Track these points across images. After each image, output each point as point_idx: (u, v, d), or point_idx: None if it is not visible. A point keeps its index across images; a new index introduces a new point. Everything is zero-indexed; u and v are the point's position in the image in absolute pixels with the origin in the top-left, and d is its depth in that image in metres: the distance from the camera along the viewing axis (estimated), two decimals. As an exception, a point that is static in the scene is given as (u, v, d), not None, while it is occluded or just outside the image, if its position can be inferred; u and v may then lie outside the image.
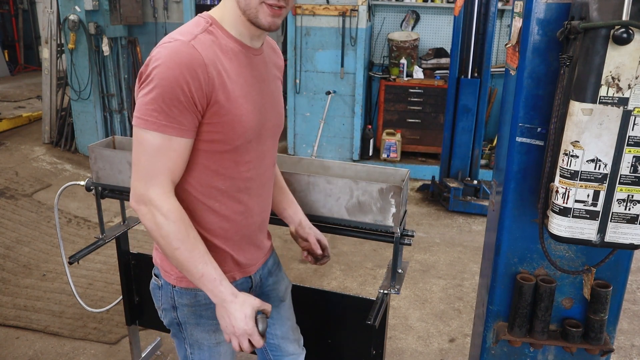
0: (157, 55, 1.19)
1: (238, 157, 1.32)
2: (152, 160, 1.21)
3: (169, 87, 1.16)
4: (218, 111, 1.24)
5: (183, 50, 1.18)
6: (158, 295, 1.47)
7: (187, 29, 1.26)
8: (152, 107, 1.18)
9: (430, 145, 5.69)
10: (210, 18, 1.30)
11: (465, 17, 4.47)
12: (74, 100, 5.53)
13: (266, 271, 1.60)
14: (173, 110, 1.18)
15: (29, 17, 10.31)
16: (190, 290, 1.41)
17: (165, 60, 1.17)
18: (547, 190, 1.40)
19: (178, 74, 1.16)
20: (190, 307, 1.43)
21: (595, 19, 1.20)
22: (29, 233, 4.02)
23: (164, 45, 1.21)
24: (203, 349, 1.48)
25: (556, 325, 1.68)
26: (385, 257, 3.79)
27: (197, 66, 1.18)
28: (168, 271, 1.42)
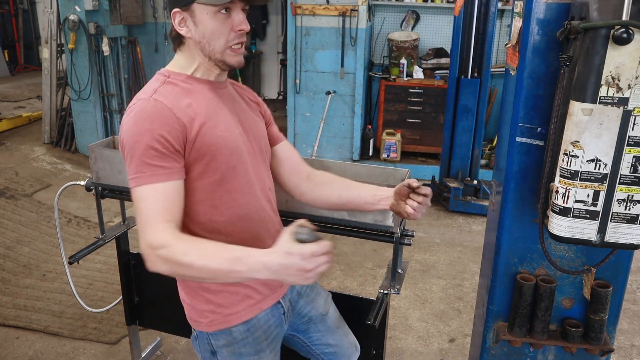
0: (125, 120, 1.28)
1: (228, 185, 1.35)
2: (149, 211, 1.23)
3: (143, 141, 1.22)
4: (196, 146, 1.29)
5: (146, 105, 1.26)
6: (197, 345, 1.49)
7: (148, 87, 1.34)
8: (135, 165, 1.24)
9: (430, 145, 5.69)
10: (167, 71, 1.38)
11: (465, 17, 4.47)
12: (74, 100, 5.53)
13: (295, 293, 1.59)
14: (153, 159, 1.23)
15: (29, 17, 10.31)
16: (224, 330, 1.42)
17: (133, 120, 1.25)
18: (547, 190, 1.40)
19: (148, 126, 1.23)
20: (229, 347, 1.43)
21: (595, 19, 1.20)
22: (29, 233, 4.02)
23: (129, 110, 1.29)
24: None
25: (556, 325, 1.68)
26: (385, 257, 3.79)
27: (163, 113, 1.25)
28: (197, 320, 1.44)
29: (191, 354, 2.75)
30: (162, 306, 2.48)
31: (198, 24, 1.30)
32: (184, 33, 1.32)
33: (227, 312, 1.41)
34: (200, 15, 1.29)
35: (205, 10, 1.28)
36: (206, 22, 1.29)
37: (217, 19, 1.29)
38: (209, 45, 1.31)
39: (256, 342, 1.44)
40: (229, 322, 1.42)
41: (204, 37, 1.31)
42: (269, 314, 1.47)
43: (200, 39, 1.31)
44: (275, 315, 1.49)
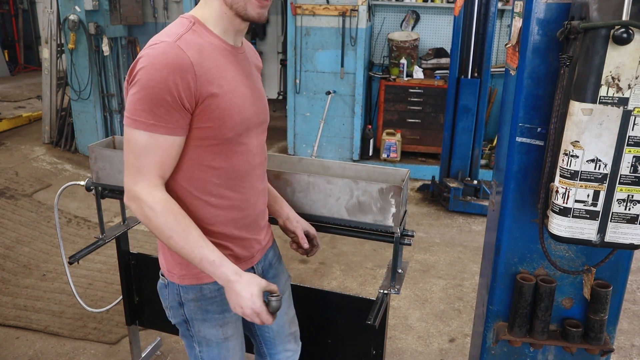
0: (144, 56, 1.23)
1: (229, 151, 1.35)
2: (140, 158, 1.24)
3: (156, 88, 1.19)
4: (207, 107, 1.27)
5: (169, 51, 1.21)
6: (165, 294, 1.50)
7: (172, 29, 1.29)
8: (140, 107, 1.21)
9: (430, 145, 5.69)
10: (193, 18, 1.33)
11: (465, 17, 4.47)
12: (74, 100, 5.53)
13: (267, 263, 1.62)
14: (160, 110, 1.21)
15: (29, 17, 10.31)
16: (195, 286, 1.43)
17: (152, 61, 1.21)
18: (547, 190, 1.40)
19: (165, 75, 1.19)
20: (197, 302, 1.45)
21: (595, 19, 1.20)
22: (29, 233, 4.02)
23: (151, 47, 1.24)
24: (211, 345, 1.51)
25: (556, 325, 1.68)
26: (385, 257, 3.79)
27: (183, 66, 1.21)
28: (171, 271, 1.45)
29: (191, 354, 2.75)
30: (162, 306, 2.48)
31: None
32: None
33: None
34: None
35: None
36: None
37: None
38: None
39: (224, 302, 1.44)
40: (201, 280, 1.43)
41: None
42: None
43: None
44: None
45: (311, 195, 1.72)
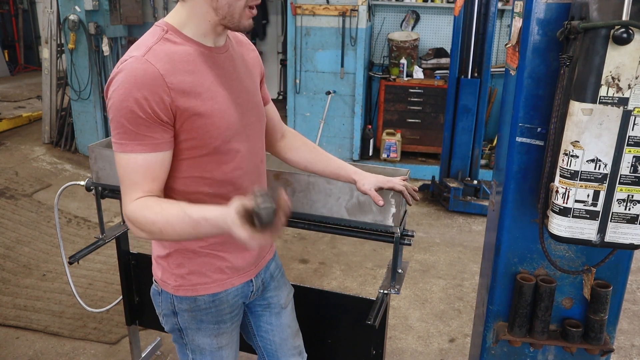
0: (114, 77, 1.20)
1: (219, 159, 1.31)
2: (126, 180, 1.22)
3: (128, 108, 1.16)
4: (188, 119, 1.23)
5: (137, 67, 1.17)
6: (158, 300, 1.47)
7: (143, 41, 1.25)
8: (116, 130, 1.19)
9: (430, 145, 5.69)
10: (166, 25, 1.28)
11: (465, 17, 4.47)
12: (74, 100, 5.53)
13: (268, 275, 1.58)
14: (138, 129, 1.18)
15: (29, 17, 10.31)
16: (190, 297, 1.41)
17: (121, 80, 1.17)
18: (547, 190, 1.40)
19: (135, 93, 1.16)
20: (191, 312, 1.42)
21: (595, 19, 1.20)
22: (29, 233, 4.02)
23: (121, 66, 1.20)
24: (205, 354, 1.48)
25: (556, 325, 1.68)
26: (385, 257, 3.79)
27: (153, 80, 1.17)
28: (165, 281, 1.42)
29: (191, 354, 2.75)
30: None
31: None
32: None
33: (197, 281, 1.40)
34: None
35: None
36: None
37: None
38: (229, 12, 1.24)
39: (219, 314, 1.44)
40: (196, 292, 1.40)
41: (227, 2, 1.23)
42: (238, 290, 1.46)
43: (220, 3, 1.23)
44: (243, 292, 1.48)
45: (311, 195, 1.72)
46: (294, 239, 4.01)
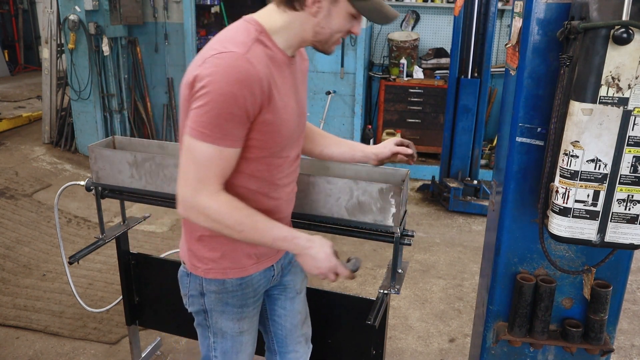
0: (212, 66, 1.20)
1: (272, 162, 1.39)
2: (203, 169, 1.25)
3: (226, 102, 1.19)
4: (264, 122, 1.28)
5: (241, 65, 1.20)
6: (186, 282, 1.52)
7: (239, 38, 1.26)
8: (207, 120, 1.20)
9: (430, 145, 5.69)
10: (259, 26, 1.31)
11: (465, 17, 4.47)
12: (74, 100, 5.53)
13: (287, 261, 1.65)
14: (228, 124, 1.21)
15: (29, 17, 10.31)
16: (219, 280, 1.46)
17: (222, 74, 1.19)
18: (547, 190, 1.40)
19: (237, 90, 1.19)
20: (218, 294, 1.48)
21: (595, 19, 1.20)
22: (29, 233, 4.02)
23: (220, 56, 1.21)
24: (226, 337, 1.55)
25: (556, 325, 1.68)
26: (385, 257, 3.79)
27: (254, 82, 1.21)
28: (195, 265, 1.47)
29: (191, 354, 2.75)
30: (162, 306, 2.48)
31: (332, 13, 1.29)
32: (312, 10, 1.28)
33: (227, 265, 1.45)
34: (340, 9, 1.28)
35: (346, 8, 1.28)
36: (340, 17, 1.30)
37: (349, 18, 1.31)
38: (326, 36, 1.32)
39: (244, 297, 1.50)
40: (226, 275, 1.46)
41: (329, 26, 1.30)
42: (261, 274, 1.52)
43: (324, 26, 1.30)
44: (266, 277, 1.55)
45: (311, 195, 1.72)
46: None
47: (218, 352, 1.57)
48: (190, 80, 1.23)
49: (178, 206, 1.29)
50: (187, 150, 1.25)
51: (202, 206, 1.26)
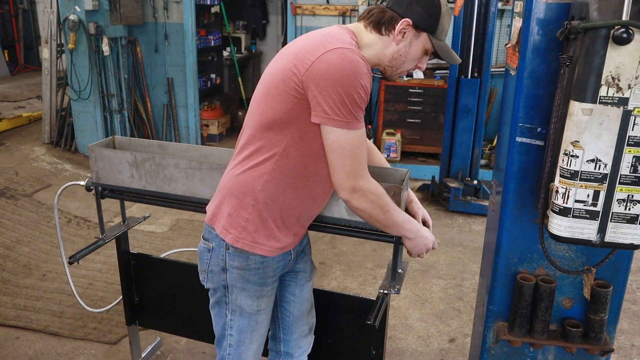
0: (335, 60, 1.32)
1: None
2: (356, 157, 1.39)
3: (358, 90, 1.33)
4: None
5: (359, 60, 1.34)
6: (206, 257, 1.58)
7: (345, 37, 1.39)
8: (347, 110, 1.33)
9: (430, 145, 5.69)
10: (354, 36, 1.45)
11: (465, 17, 4.47)
12: (74, 100, 5.53)
13: (301, 248, 1.73)
14: (359, 108, 1.36)
15: (29, 17, 10.30)
16: (244, 253, 1.53)
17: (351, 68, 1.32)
18: (547, 190, 1.40)
19: (363, 80, 1.34)
20: (240, 270, 1.54)
21: (595, 19, 1.20)
22: (29, 233, 4.02)
23: (336, 52, 1.33)
24: (244, 315, 1.60)
25: (556, 325, 1.68)
26: (385, 257, 3.79)
27: (368, 72, 1.37)
28: (228, 229, 1.52)
29: (191, 354, 2.75)
30: (162, 306, 2.48)
31: (413, 46, 1.46)
32: (397, 39, 1.44)
33: (257, 239, 1.52)
34: (419, 43, 1.46)
35: (424, 44, 1.46)
36: (417, 50, 1.48)
37: (422, 53, 1.49)
38: (400, 63, 1.49)
39: (264, 276, 1.58)
40: (253, 249, 1.52)
41: (405, 56, 1.48)
42: (281, 257, 1.60)
43: (402, 54, 1.47)
44: (285, 259, 1.63)
45: (311, 195, 1.72)
46: (294, 239, 4.02)
47: (234, 331, 1.62)
48: (302, 70, 1.34)
49: (341, 193, 1.43)
50: (337, 143, 1.37)
51: (363, 189, 1.41)
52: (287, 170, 1.46)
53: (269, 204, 1.49)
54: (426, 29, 1.44)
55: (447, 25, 1.47)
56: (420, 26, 1.43)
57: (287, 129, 1.41)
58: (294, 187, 1.48)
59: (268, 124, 1.43)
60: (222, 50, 7.15)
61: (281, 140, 1.43)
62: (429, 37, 1.45)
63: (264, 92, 1.45)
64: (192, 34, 5.74)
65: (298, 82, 1.35)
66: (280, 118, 1.41)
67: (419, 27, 1.43)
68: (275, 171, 1.46)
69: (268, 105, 1.42)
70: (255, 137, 1.47)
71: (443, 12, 1.44)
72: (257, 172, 1.47)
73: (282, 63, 1.41)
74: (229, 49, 7.15)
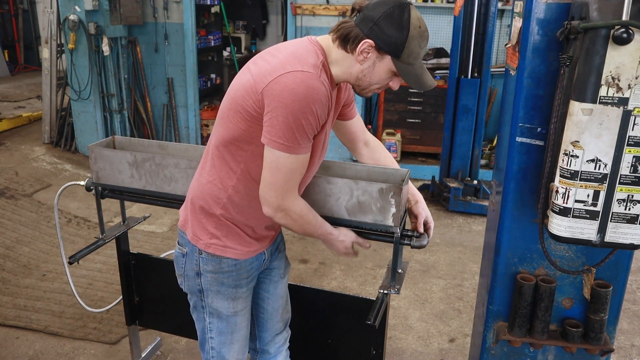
0: (290, 84, 1.30)
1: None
2: (287, 179, 1.39)
3: (307, 117, 1.31)
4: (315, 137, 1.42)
5: (316, 85, 1.32)
6: (181, 262, 1.61)
7: (310, 60, 1.36)
8: (291, 134, 1.32)
9: (430, 145, 5.69)
10: (322, 52, 1.42)
11: (465, 17, 4.47)
12: (74, 100, 5.53)
13: (274, 247, 1.76)
14: (305, 136, 1.35)
15: (29, 17, 10.30)
16: (216, 257, 1.55)
17: (304, 93, 1.30)
18: (547, 190, 1.40)
19: (314, 106, 1.31)
20: (214, 274, 1.56)
21: (595, 19, 1.20)
22: (29, 233, 4.02)
23: (297, 74, 1.31)
24: (222, 317, 1.63)
25: (556, 325, 1.68)
26: (385, 257, 3.79)
27: (326, 100, 1.35)
28: (198, 236, 1.55)
29: (191, 354, 2.75)
30: (162, 306, 2.48)
31: (376, 67, 1.41)
32: (359, 59, 1.39)
33: (227, 243, 1.55)
34: (384, 65, 1.40)
35: (389, 66, 1.39)
36: (382, 72, 1.41)
37: (390, 74, 1.43)
38: (367, 83, 1.45)
39: (238, 278, 1.60)
40: (224, 252, 1.55)
41: (370, 77, 1.43)
42: (254, 259, 1.62)
43: (366, 75, 1.42)
44: (258, 260, 1.65)
45: (311, 195, 1.72)
46: (294, 239, 4.01)
47: (214, 333, 1.65)
48: (259, 89, 1.34)
49: (266, 209, 1.44)
50: (273, 163, 1.37)
51: (287, 209, 1.43)
52: (250, 183, 1.48)
53: (236, 213, 1.52)
54: (390, 52, 1.36)
55: (417, 48, 1.37)
56: (383, 49, 1.36)
57: (248, 145, 1.42)
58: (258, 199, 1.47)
59: (230, 139, 1.44)
60: (222, 50, 7.15)
61: (242, 155, 1.45)
62: (394, 61, 1.38)
63: (227, 107, 1.45)
64: (192, 34, 5.73)
65: (256, 100, 1.35)
66: (240, 135, 1.42)
67: (381, 49, 1.36)
68: (239, 184, 1.48)
69: (230, 121, 1.43)
70: (220, 149, 1.48)
71: (412, 35, 1.34)
72: (222, 184, 1.50)
73: (244, 79, 1.40)
74: (229, 49, 7.15)
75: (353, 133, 1.82)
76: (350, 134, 1.82)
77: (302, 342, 1.93)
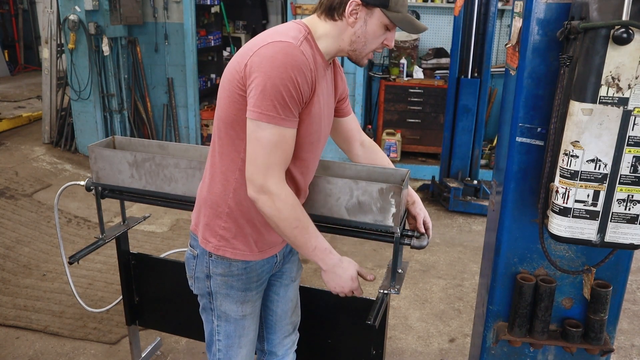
0: (271, 53, 1.29)
1: (297, 154, 1.44)
2: (270, 154, 1.32)
3: (287, 86, 1.28)
4: (305, 110, 1.38)
5: (295, 53, 1.30)
6: (192, 264, 1.59)
7: (291, 33, 1.36)
8: (275, 103, 1.28)
9: (430, 145, 5.69)
10: (307, 29, 1.41)
11: (465, 17, 4.47)
12: (74, 100, 5.53)
13: (287, 249, 1.72)
14: (285, 104, 1.29)
15: (29, 17, 10.30)
16: (226, 260, 1.52)
17: (281, 61, 1.28)
18: (547, 190, 1.40)
19: (294, 74, 1.28)
20: (224, 277, 1.55)
21: (595, 19, 1.20)
22: (29, 233, 4.02)
23: (275, 44, 1.30)
24: (230, 320, 1.61)
25: (556, 325, 1.68)
26: (385, 257, 3.79)
27: (306, 70, 1.31)
28: (208, 239, 1.52)
29: (191, 354, 2.75)
30: (162, 306, 2.48)
31: (368, 25, 1.40)
32: (350, 22, 1.39)
33: (237, 246, 1.52)
34: (375, 20, 1.39)
35: (381, 19, 1.39)
36: (375, 27, 1.40)
37: (383, 29, 1.42)
38: (362, 45, 1.42)
39: (248, 281, 1.57)
40: (234, 255, 1.52)
41: (364, 36, 1.41)
42: (265, 261, 1.60)
43: (360, 35, 1.41)
44: (269, 263, 1.62)
45: (311, 195, 1.72)
46: (294, 239, 4.01)
47: (221, 336, 1.63)
48: (242, 66, 1.32)
49: (249, 191, 1.36)
50: (254, 135, 1.32)
51: (271, 192, 1.34)
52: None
53: (243, 210, 1.48)
54: (377, 3, 1.37)
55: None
56: (370, 2, 1.37)
57: (242, 131, 1.38)
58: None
59: (225, 127, 1.41)
60: (222, 50, 7.15)
61: (240, 145, 1.41)
62: (383, 12, 1.38)
63: (220, 94, 1.43)
64: (192, 34, 5.73)
65: (240, 79, 1.34)
66: (233, 120, 1.39)
67: (369, 3, 1.37)
68: (241, 177, 1.43)
69: (222, 107, 1.41)
70: (217, 142, 1.46)
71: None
72: (225, 180, 1.46)
73: (232, 63, 1.40)
74: (229, 49, 7.15)
75: (349, 131, 1.81)
76: (346, 132, 1.80)
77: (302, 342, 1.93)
